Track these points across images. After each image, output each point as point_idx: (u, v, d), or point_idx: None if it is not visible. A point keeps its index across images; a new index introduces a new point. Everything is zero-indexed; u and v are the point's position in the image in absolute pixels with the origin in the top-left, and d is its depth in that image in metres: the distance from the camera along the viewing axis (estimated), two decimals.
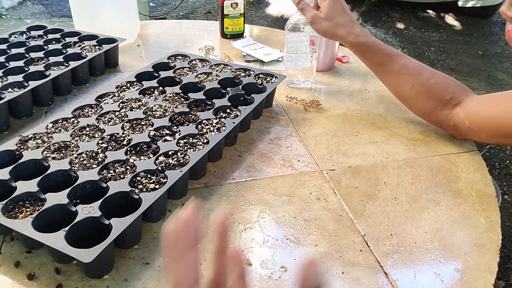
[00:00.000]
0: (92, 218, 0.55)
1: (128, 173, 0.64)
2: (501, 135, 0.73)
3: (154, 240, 0.60)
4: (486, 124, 0.75)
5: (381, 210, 0.67)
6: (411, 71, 0.83)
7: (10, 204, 0.58)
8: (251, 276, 0.56)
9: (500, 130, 0.72)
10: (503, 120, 0.71)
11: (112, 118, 0.78)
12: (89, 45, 1.05)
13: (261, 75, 0.94)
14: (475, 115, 0.76)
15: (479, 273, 0.57)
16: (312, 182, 0.73)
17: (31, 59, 0.98)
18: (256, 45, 1.21)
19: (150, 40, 1.28)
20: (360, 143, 0.83)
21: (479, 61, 3.35)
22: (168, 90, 0.88)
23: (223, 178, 0.73)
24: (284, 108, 0.94)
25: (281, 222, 0.64)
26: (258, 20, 4.01)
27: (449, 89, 0.80)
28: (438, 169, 0.77)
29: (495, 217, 0.67)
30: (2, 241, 0.59)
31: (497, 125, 0.73)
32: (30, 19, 3.81)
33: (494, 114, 0.73)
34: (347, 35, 0.87)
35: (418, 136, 0.86)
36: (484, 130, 0.76)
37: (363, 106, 0.96)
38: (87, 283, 0.53)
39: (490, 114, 0.74)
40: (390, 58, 0.85)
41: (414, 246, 0.61)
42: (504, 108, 0.72)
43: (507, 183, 2.13)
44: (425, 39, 3.70)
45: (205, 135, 0.73)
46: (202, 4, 4.40)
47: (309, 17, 0.90)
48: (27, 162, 0.66)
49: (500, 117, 0.72)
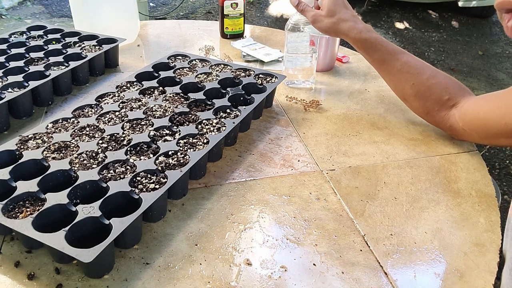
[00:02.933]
0: (92, 218, 0.55)
1: (128, 173, 0.64)
2: (491, 136, 0.72)
3: (154, 240, 0.60)
4: (477, 125, 0.75)
5: (381, 210, 0.67)
6: (413, 70, 0.82)
7: (10, 204, 0.58)
8: (251, 276, 0.56)
9: (489, 130, 0.72)
10: (491, 120, 0.70)
11: (112, 118, 0.78)
12: (89, 45, 1.05)
13: (261, 75, 0.94)
14: (467, 116, 0.76)
15: (479, 273, 0.57)
16: (312, 182, 0.73)
17: (31, 59, 0.98)
18: (256, 45, 1.21)
19: (150, 40, 1.28)
20: (360, 143, 0.83)
21: (479, 61, 3.35)
22: (168, 90, 0.88)
23: (223, 178, 0.73)
24: (284, 108, 0.94)
25: (281, 222, 0.64)
26: (258, 20, 4.01)
27: (448, 90, 0.80)
28: (438, 169, 0.77)
29: (495, 217, 0.67)
30: (2, 241, 0.59)
31: (485, 125, 0.72)
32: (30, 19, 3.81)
33: (482, 115, 0.73)
34: (350, 30, 0.86)
35: (418, 136, 0.86)
36: (475, 131, 0.75)
37: (363, 106, 0.96)
38: (87, 283, 0.54)
39: (480, 115, 0.74)
40: (392, 55, 0.84)
41: (414, 246, 0.61)
42: (492, 108, 0.72)
43: (507, 183, 2.13)
44: (425, 39, 3.70)
45: (205, 135, 0.73)
46: (202, 4, 4.40)
47: (310, 16, 0.90)
48: (27, 162, 0.66)
49: (487, 117, 0.71)
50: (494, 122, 0.69)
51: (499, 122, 0.68)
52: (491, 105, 0.72)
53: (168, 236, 0.61)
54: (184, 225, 0.63)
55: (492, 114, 0.71)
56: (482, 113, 0.73)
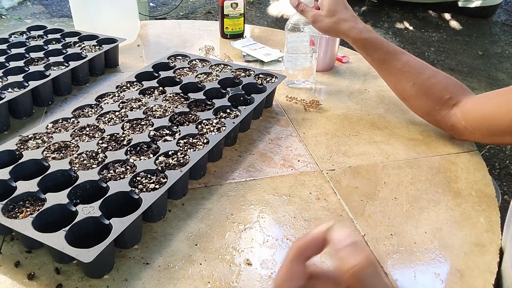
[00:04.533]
0: (92, 218, 0.55)
1: (128, 173, 0.64)
2: (494, 134, 0.72)
3: (154, 240, 0.60)
4: (479, 123, 0.74)
5: (381, 210, 0.67)
6: (413, 69, 0.82)
7: (10, 204, 0.58)
8: (251, 276, 0.56)
9: (493, 128, 0.72)
10: (494, 118, 0.70)
11: (112, 118, 0.78)
12: (89, 45, 1.05)
13: (261, 75, 0.94)
14: (470, 114, 0.76)
15: (479, 273, 0.57)
16: (312, 182, 0.73)
17: (31, 59, 0.98)
18: (256, 45, 1.21)
19: (150, 40, 1.28)
20: (360, 143, 0.83)
21: (479, 61, 3.35)
22: (168, 90, 0.88)
23: (223, 178, 0.73)
24: (284, 108, 0.94)
25: (281, 222, 0.64)
26: (258, 20, 4.01)
27: (448, 89, 0.80)
28: (438, 169, 0.77)
29: (495, 217, 0.67)
30: (2, 241, 0.59)
31: (489, 123, 0.72)
32: (30, 19, 3.81)
33: (486, 113, 0.73)
34: (350, 30, 0.86)
35: (418, 136, 0.86)
36: (478, 130, 0.75)
37: (363, 106, 0.96)
38: (87, 283, 0.53)
39: (482, 113, 0.74)
40: (392, 55, 0.84)
41: (414, 246, 0.61)
42: (494, 106, 0.71)
43: (507, 183, 2.13)
44: (425, 39, 3.70)
45: (205, 135, 0.73)
46: (202, 4, 4.40)
47: (310, 16, 0.90)
48: (27, 162, 0.66)
49: (491, 115, 0.71)
50: (498, 119, 0.69)
51: (504, 119, 0.68)
52: (495, 103, 0.72)
53: (168, 236, 0.61)
54: (184, 225, 0.63)
55: (496, 111, 0.70)
56: (486, 111, 0.73)
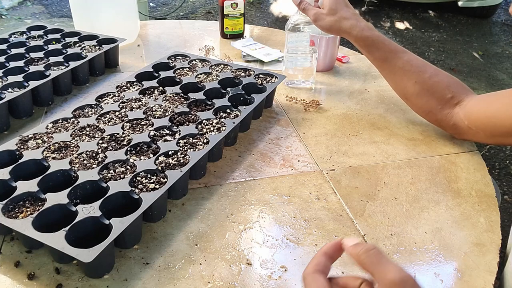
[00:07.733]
0: (92, 218, 0.55)
1: (128, 173, 0.64)
2: (499, 134, 0.72)
3: (154, 240, 0.60)
4: (484, 124, 0.74)
5: (381, 210, 0.67)
6: (415, 68, 0.82)
7: (10, 204, 0.58)
8: (251, 276, 0.56)
9: (498, 129, 0.71)
10: (500, 119, 0.70)
11: (112, 118, 0.78)
12: (89, 45, 1.05)
13: (261, 75, 0.94)
14: (474, 114, 0.76)
15: (479, 273, 0.57)
16: (312, 182, 0.73)
17: (31, 59, 0.98)
18: (256, 45, 1.21)
19: (150, 40, 1.28)
20: (360, 143, 0.83)
21: (479, 61, 3.35)
22: (168, 90, 0.88)
23: (223, 178, 0.73)
24: (284, 108, 0.94)
25: (281, 222, 0.64)
26: (258, 20, 4.01)
27: (450, 88, 0.80)
28: (438, 169, 0.77)
29: (495, 217, 0.67)
30: (2, 241, 0.59)
31: (494, 124, 0.72)
32: (30, 19, 3.81)
33: (491, 114, 0.73)
34: (352, 28, 0.85)
35: (418, 136, 0.86)
36: (482, 130, 0.75)
37: (363, 106, 0.96)
38: (87, 283, 0.53)
39: (488, 114, 0.73)
40: (394, 53, 0.84)
41: (414, 246, 0.61)
42: (500, 106, 0.71)
43: (507, 183, 2.13)
44: (425, 39, 3.70)
45: (205, 135, 0.73)
46: (202, 4, 4.40)
47: (312, 15, 0.89)
48: (27, 162, 0.66)
49: (497, 116, 0.71)
50: (504, 120, 0.69)
51: (510, 120, 0.68)
52: (501, 103, 0.72)
53: (168, 236, 0.61)
54: (184, 225, 0.63)
55: (502, 112, 0.70)
56: (491, 111, 0.73)
